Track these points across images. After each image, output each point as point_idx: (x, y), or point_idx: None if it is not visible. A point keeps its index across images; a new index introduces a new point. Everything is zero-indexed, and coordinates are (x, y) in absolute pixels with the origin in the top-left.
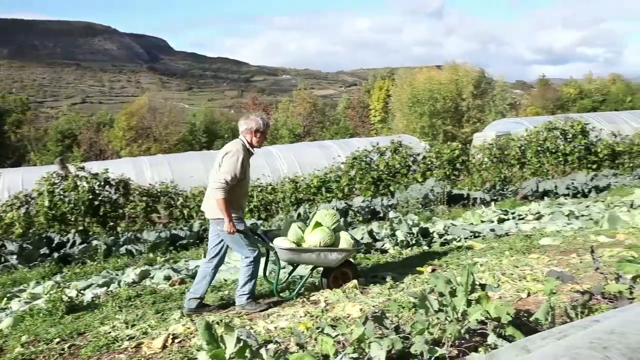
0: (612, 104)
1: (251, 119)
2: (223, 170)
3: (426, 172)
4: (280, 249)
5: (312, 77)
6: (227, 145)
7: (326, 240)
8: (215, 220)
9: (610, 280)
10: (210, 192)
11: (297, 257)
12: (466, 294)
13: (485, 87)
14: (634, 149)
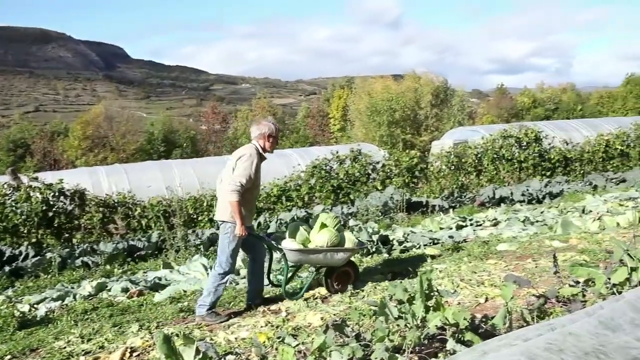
0: (564, 113)
1: (264, 124)
2: (237, 174)
3: (385, 180)
4: (289, 250)
5: (271, 85)
6: (240, 149)
7: (333, 240)
8: (220, 222)
9: (565, 284)
10: (219, 195)
11: (305, 257)
12: (425, 300)
13: (445, 96)
14: (585, 156)
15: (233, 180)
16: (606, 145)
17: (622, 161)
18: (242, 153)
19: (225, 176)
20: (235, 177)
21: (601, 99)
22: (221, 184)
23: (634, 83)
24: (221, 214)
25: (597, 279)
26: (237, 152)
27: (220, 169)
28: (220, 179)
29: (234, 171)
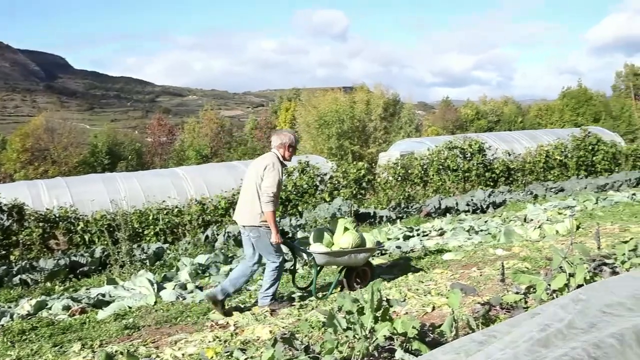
0: (506, 124)
1: (284, 134)
2: (268, 184)
3: (334, 192)
4: (318, 253)
5: (219, 97)
6: (264, 158)
7: (356, 241)
8: (249, 228)
9: (508, 291)
10: (246, 201)
11: (332, 259)
12: (373, 310)
13: (395, 109)
14: (526, 167)
15: (265, 192)
16: (546, 156)
17: (561, 171)
18: (267, 162)
19: (249, 183)
20: (267, 188)
21: (540, 111)
22: (246, 192)
23: (570, 96)
24: (251, 220)
25: (538, 285)
26: (260, 161)
27: (166, 181)
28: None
29: (264, 181)
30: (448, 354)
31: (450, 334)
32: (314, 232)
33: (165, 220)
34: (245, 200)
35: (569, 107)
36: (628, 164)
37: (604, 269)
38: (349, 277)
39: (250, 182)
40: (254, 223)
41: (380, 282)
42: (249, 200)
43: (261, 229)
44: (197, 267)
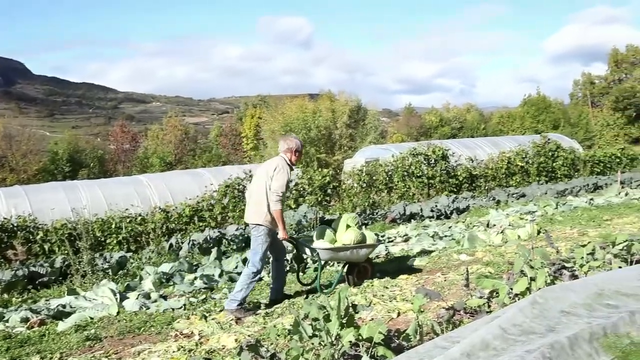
0: (469, 131)
1: (291, 140)
2: (277, 185)
3: (299, 199)
4: (322, 249)
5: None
6: (273, 161)
7: (358, 238)
8: (252, 225)
9: (472, 296)
10: (254, 201)
11: (335, 255)
12: (339, 317)
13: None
14: (489, 173)
15: (275, 192)
16: (508, 162)
17: (523, 177)
18: (275, 165)
19: (256, 185)
20: (276, 189)
21: (502, 118)
22: (254, 192)
23: (530, 104)
24: (256, 218)
25: (501, 289)
26: (269, 164)
27: (129, 189)
28: (249, 190)
29: (273, 182)
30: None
31: (415, 339)
32: (317, 230)
33: (129, 229)
34: (254, 201)
35: (530, 115)
36: (586, 169)
37: (563, 272)
38: (350, 272)
39: (259, 183)
40: (259, 221)
41: (345, 288)
42: (257, 201)
43: (262, 228)
44: (161, 276)
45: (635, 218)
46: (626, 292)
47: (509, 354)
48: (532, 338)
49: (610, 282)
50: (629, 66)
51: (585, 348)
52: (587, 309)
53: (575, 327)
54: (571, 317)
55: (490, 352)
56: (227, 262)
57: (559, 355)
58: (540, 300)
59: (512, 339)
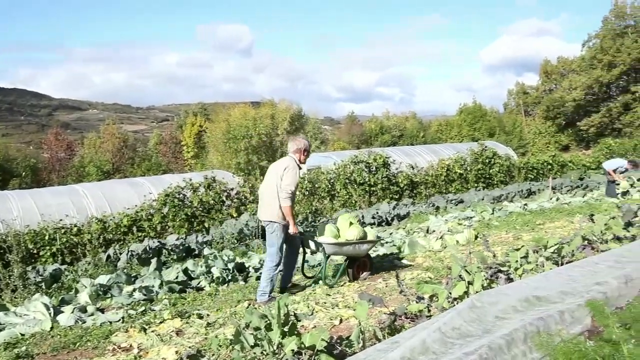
0: (409, 139)
1: (299, 140)
2: (287, 183)
3: (241, 207)
4: (328, 244)
5: (121, 111)
6: (283, 161)
7: (360, 234)
8: (266, 222)
9: (412, 301)
10: (267, 200)
11: (339, 249)
12: (281, 326)
13: (301, 124)
14: (429, 180)
15: (285, 189)
16: (447, 169)
17: (462, 183)
18: (286, 164)
19: (267, 185)
20: (286, 186)
21: (440, 126)
22: (266, 191)
23: (467, 112)
24: (269, 215)
25: (440, 294)
26: (279, 164)
27: (64, 199)
28: (261, 189)
29: (283, 180)
30: None
31: (357, 346)
32: (320, 226)
33: (63, 240)
34: (266, 199)
35: (467, 123)
36: (520, 176)
37: (499, 275)
38: (351, 266)
39: (271, 182)
40: (272, 218)
41: (287, 296)
42: (269, 199)
43: (276, 225)
44: (98, 289)
45: (566, 222)
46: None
47: (448, 357)
48: (470, 341)
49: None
50: (559, 77)
51: (520, 347)
52: (521, 310)
53: (511, 329)
54: (507, 319)
55: (430, 356)
56: (167, 273)
57: (497, 355)
58: (478, 304)
59: (450, 343)
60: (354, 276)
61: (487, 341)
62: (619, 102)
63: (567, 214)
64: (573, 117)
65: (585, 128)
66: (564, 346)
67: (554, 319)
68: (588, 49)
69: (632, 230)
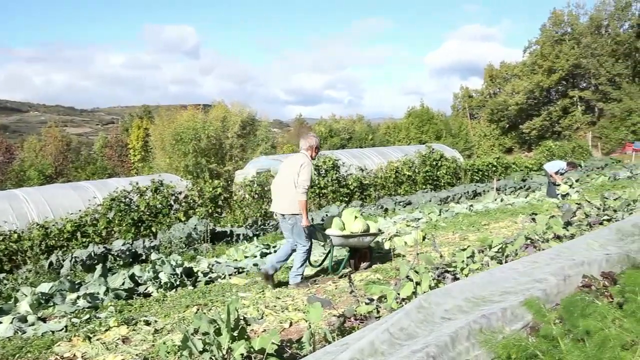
0: (357, 142)
1: (311, 138)
2: (304, 179)
3: (189, 211)
4: (335, 236)
5: (64, 113)
6: (296, 158)
7: (365, 227)
8: (288, 216)
9: (362, 303)
10: (285, 195)
11: (345, 241)
12: (230, 330)
13: (251, 127)
14: (378, 182)
15: (301, 185)
16: (396, 171)
17: (410, 185)
18: (302, 161)
19: (284, 179)
20: (302, 182)
21: (388, 129)
22: (281, 186)
23: (415, 115)
24: (290, 209)
25: (389, 295)
26: (294, 161)
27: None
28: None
29: (300, 176)
30: None
31: (308, 348)
32: (327, 219)
33: (2, 247)
34: (284, 194)
35: (414, 126)
36: (467, 177)
37: (446, 275)
38: (353, 257)
39: (287, 178)
40: (294, 211)
41: (237, 300)
42: (287, 193)
43: (297, 217)
44: (39, 297)
45: (510, 222)
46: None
47: (396, 356)
48: (417, 340)
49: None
50: (502, 81)
51: (464, 344)
52: (466, 310)
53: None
54: (453, 319)
55: (378, 357)
56: (113, 279)
57: (442, 353)
58: (425, 305)
59: (398, 343)
60: (355, 266)
61: (433, 339)
62: (559, 106)
63: (510, 214)
64: (516, 120)
65: (528, 131)
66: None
67: (496, 316)
68: (529, 54)
69: (571, 229)
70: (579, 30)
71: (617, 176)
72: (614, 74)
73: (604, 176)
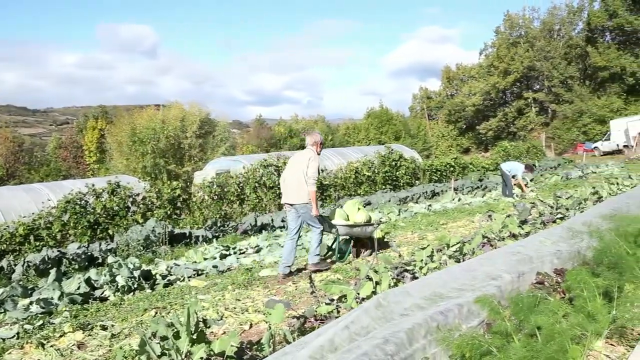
0: None
1: (315, 135)
2: (313, 172)
3: (147, 213)
4: (341, 225)
5: (16, 113)
6: (305, 153)
7: (367, 218)
8: (298, 205)
9: (322, 303)
10: (295, 186)
11: (350, 230)
12: (189, 334)
13: (210, 127)
14: (338, 183)
15: (311, 177)
16: (356, 172)
17: (370, 185)
18: (309, 156)
19: (294, 173)
20: (312, 175)
21: (348, 130)
22: (291, 179)
23: (374, 116)
24: (301, 199)
25: (348, 295)
26: (303, 156)
27: None
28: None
29: (309, 169)
30: None
31: (268, 350)
32: (331, 211)
33: None
34: (295, 186)
35: (374, 126)
36: (425, 178)
37: (405, 275)
38: (355, 245)
39: (297, 171)
40: (305, 201)
41: (196, 303)
42: (298, 185)
43: (308, 205)
44: None
45: (467, 221)
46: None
47: (355, 353)
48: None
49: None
50: (459, 83)
51: (421, 342)
52: (424, 307)
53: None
54: (411, 316)
55: (337, 354)
56: (68, 283)
57: (400, 350)
58: (384, 303)
59: (357, 340)
60: (357, 253)
61: (391, 336)
62: (514, 107)
63: (468, 213)
64: (473, 121)
65: (484, 131)
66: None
67: (453, 314)
68: (485, 57)
69: (526, 228)
70: (533, 34)
71: (569, 176)
72: (566, 76)
73: (557, 176)
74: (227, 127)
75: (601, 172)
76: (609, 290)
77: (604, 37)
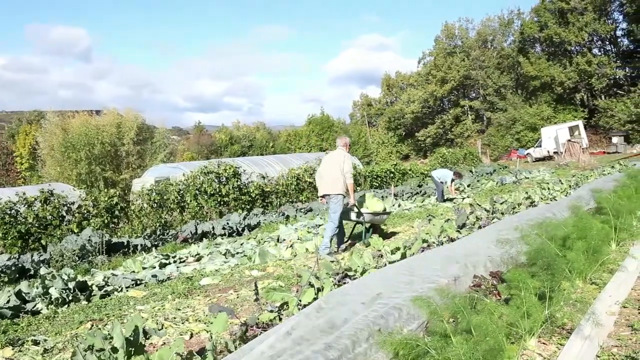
0: (258, 149)
1: (344, 138)
2: (348, 167)
3: (83, 222)
4: (367, 213)
5: None
6: (339, 153)
7: (383, 207)
8: (333, 195)
9: (265, 310)
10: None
11: (372, 218)
12: (127, 347)
13: (147, 134)
14: (280, 189)
15: (347, 171)
16: (297, 178)
17: (312, 192)
18: (344, 154)
19: (329, 169)
20: (348, 170)
21: (289, 136)
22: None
23: (315, 123)
24: (338, 189)
25: (290, 301)
26: (337, 155)
27: None
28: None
29: (346, 165)
30: None
31: (211, 359)
32: (358, 199)
33: None
34: (331, 180)
35: (315, 133)
36: (366, 184)
37: (347, 280)
38: (368, 230)
39: (333, 168)
40: (340, 191)
41: (134, 314)
42: (334, 179)
43: (341, 195)
44: None
45: (407, 227)
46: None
47: (298, 357)
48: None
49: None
50: (399, 90)
51: (363, 346)
52: (365, 309)
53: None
54: (352, 319)
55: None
56: None
57: (342, 355)
58: (325, 306)
59: (298, 345)
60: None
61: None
62: (451, 115)
63: (408, 219)
64: (412, 128)
65: (423, 138)
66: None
67: (393, 317)
68: (424, 65)
69: (464, 232)
70: (468, 44)
71: (504, 181)
72: (500, 85)
73: (492, 181)
74: (167, 134)
75: (533, 178)
76: (543, 290)
77: (534, 48)
